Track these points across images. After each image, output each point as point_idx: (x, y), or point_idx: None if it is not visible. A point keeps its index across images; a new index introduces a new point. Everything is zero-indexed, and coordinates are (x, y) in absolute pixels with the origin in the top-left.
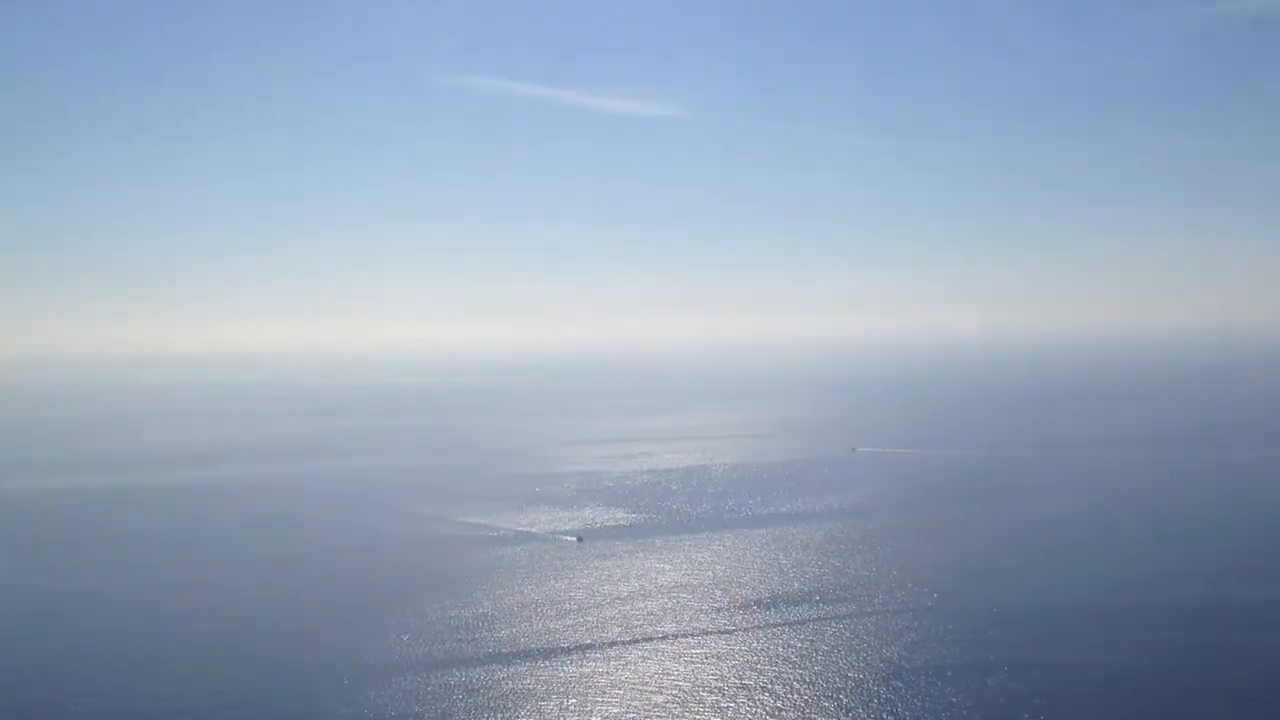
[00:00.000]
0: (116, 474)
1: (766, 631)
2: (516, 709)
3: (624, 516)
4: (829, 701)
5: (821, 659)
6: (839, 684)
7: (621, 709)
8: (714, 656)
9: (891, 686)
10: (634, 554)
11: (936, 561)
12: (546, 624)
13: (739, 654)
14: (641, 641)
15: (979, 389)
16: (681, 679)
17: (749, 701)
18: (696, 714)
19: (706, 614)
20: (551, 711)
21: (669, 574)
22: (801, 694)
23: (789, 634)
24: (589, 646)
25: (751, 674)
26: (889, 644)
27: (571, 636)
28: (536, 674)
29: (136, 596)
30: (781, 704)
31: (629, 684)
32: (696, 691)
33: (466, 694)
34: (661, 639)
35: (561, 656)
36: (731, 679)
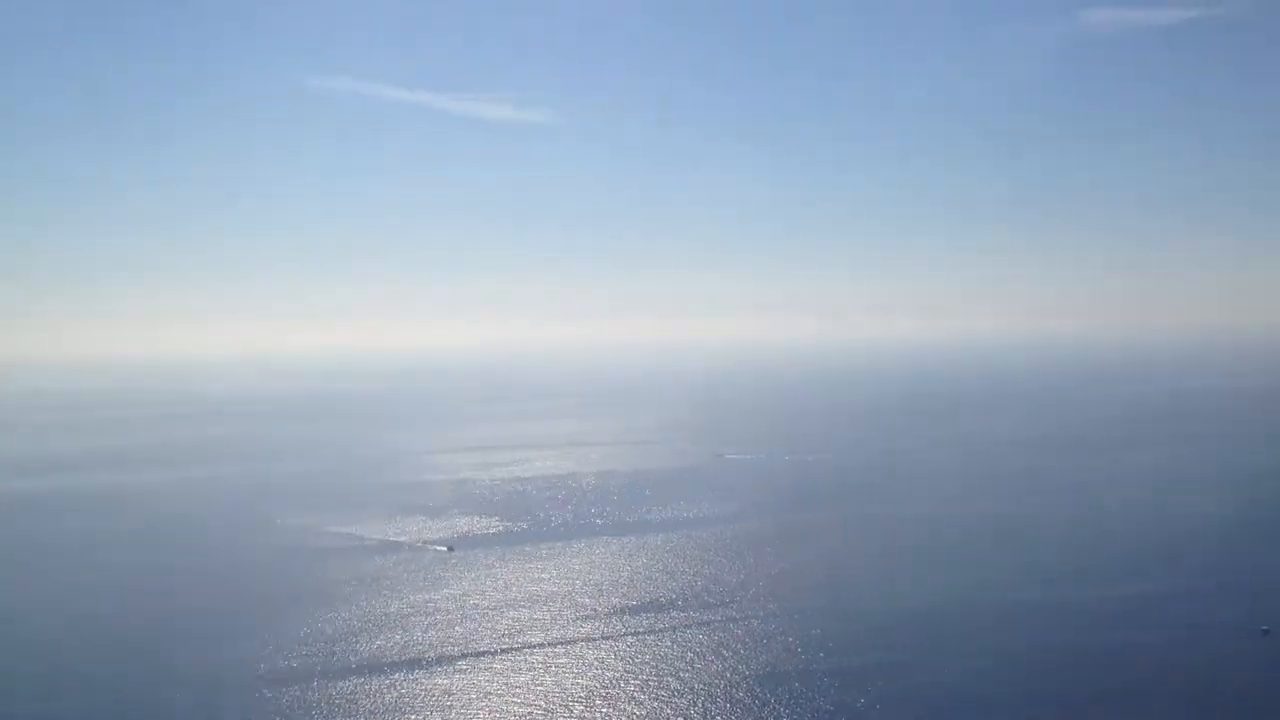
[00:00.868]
0: None
1: (637, 639)
2: None
3: (495, 525)
4: (698, 708)
5: (691, 665)
6: (709, 690)
7: None
8: (584, 665)
9: (761, 692)
10: (505, 563)
11: (801, 566)
12: (415, 635)
13: (609, 662)
14: (511, 651)
15: (851, 395)
16: (550, 688)
17: (616, 711)
18: None
19: (576, 622)
20: None
21: (539, 583)
22: (671, 701)
23: (659, 641)
24: (458, 657)
25: (621, 682)
26: (758, 649)
27: (440, 648)
28: (403, 686)
29: None
30: (649, 712)
31: (497, 694)
32: (566, 701)
33: (327, 709)
34: (531, 648)
35: (430, 668)
36: (601, 687)
